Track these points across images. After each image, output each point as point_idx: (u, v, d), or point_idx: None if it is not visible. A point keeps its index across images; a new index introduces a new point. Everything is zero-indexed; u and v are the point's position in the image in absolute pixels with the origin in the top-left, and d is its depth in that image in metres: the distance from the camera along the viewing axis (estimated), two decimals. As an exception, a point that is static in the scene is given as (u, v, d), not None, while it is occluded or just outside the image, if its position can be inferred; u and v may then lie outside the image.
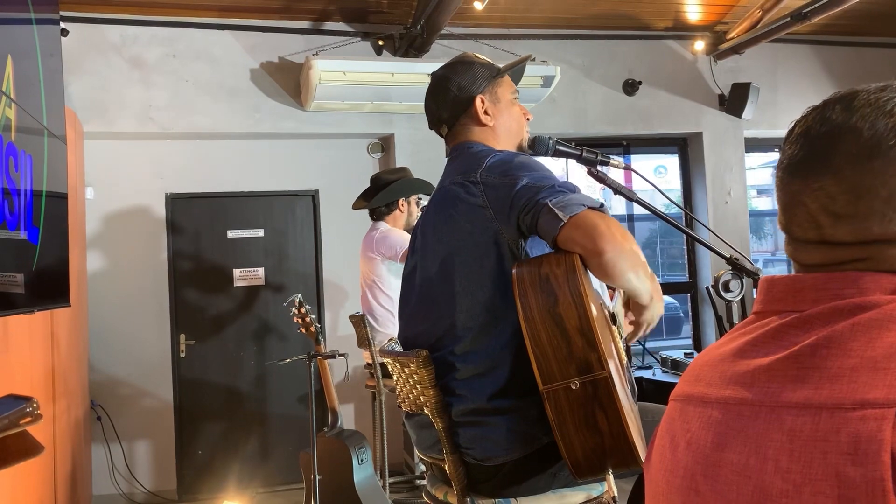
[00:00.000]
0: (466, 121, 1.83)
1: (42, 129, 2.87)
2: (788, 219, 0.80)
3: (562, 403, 1.43)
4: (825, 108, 0.78)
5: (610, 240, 1.43)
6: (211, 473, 4.99)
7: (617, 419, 1.40)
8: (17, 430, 1.02)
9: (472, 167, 1.68)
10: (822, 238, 0.76)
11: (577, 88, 5.50)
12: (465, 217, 1.65)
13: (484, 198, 1.62)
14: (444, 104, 1.84)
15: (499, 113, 1.83)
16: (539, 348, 1.44)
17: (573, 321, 1.43)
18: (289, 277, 5.23)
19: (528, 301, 1.46)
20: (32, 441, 1.07)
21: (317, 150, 5.29)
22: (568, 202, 1.48)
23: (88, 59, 4.68)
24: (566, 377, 1.42)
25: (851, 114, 0.75)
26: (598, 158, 1.86)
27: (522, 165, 1.62)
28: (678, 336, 7.95)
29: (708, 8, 5.34)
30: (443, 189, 1.77)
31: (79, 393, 4.25)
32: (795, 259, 0.81)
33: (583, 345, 1.42)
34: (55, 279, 3.03)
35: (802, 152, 0.78)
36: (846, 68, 6.09)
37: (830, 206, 0.75)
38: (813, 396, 0.67)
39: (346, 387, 4.76)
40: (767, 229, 10.88)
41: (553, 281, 1.45)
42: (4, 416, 1.01)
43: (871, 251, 0.73)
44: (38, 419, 1.04)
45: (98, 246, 4.86)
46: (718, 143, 5.84)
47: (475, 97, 1.81)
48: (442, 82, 1.85)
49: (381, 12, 4.97)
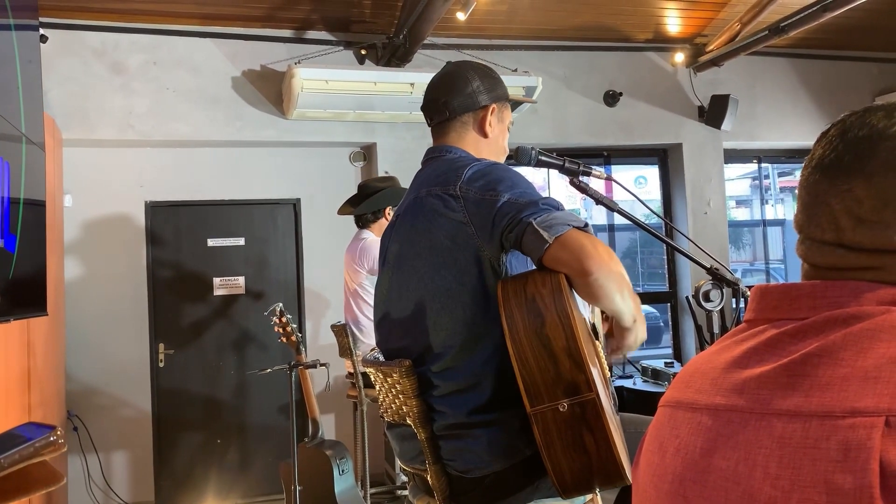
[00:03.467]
0: (468, 120, 1.79)
1: (20, 135, 2.83)
2: (807, 218, 0.80)
3: (549, 425, 1.42)
4: (867, 112, 0.78)
5: (597, 260, 1.41)
6: (190, 484, 4.93)
7: (605, 440, 1.40)
8: (39, 459, 1.00)
9: (450, 178, 1.64)
10: (840, 241, 0.76)
11: (558, 99, 5.53)
12: (445, 232, 1.61)
13: (465, 213, 1.58)
14: (457, 93, 1.77)
15: (497, 133, 1.82)
16: (526, 370, 1.43)
17: (561, 342, 1.42)
18: (269, 286, 5.20)
19: (514, 322, 1.45)
20: (52, 470, 1.05)
21: (298, 158, 5.27)
22: (553, 221, 1.46)
23: (68, 65, 4.64)
24: (554, 399, 1.41)
25: (894, 121, 0.75)
26: (580, 169, 1.86)
27: (503, 179, 1.58)
28: (658, 345, 7.99)
29: (688, 21, 5.40)
30: (419, 199, 1.70)
31: (55, 402, 4.19)
32: (807, 260, 0.80)
33: (570, 366, 1.41)
34: (32, 287, 2.99)
35: (836, 153, 0.77)
36: (823, 81, 6.18)
37: (856, 209, 0.74)
38: (803, 404, 0.67)
39: (327, 397, 4.73)
40: (746, 239, 10.99)
41: (539, 301, 1.44)
42: (29, 444, 0.98)
43: (886, 260, 0.73)
44: (61, 449, 1.02)
45: (76, 254, 4.81)
46: (698, 155, 5.89)
47: (490, 104, 1.79)
48: (463, 73, 1.80)
49: (364, 22, 4.98)
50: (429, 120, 1.84)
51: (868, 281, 0.73)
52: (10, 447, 0.98)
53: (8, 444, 0.98)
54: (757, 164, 6.64)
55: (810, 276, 0.80)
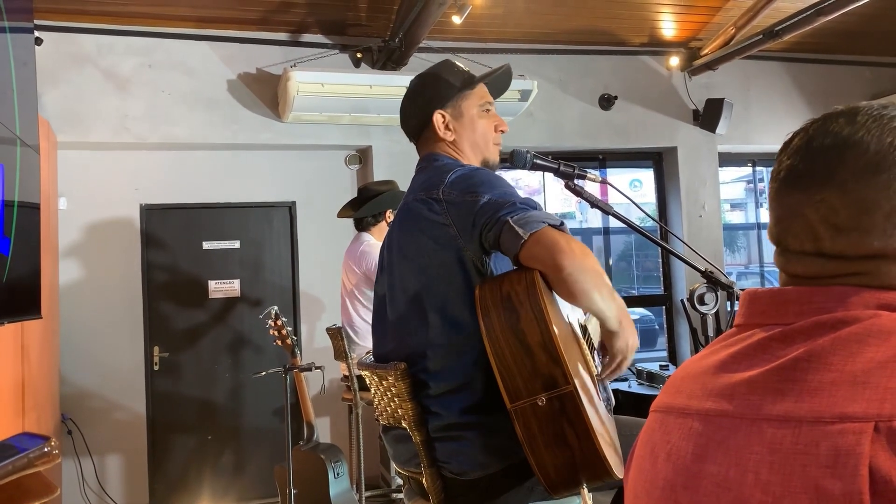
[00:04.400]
0: (429, 134, 1.84)
1: (15, 138, 2.83)
2: (783, 230, 0.79)
3: (530, 420, 1.42)
4: (827, 120, 0.78)
5: (569, 255, 1.43)
6: (184, 488, 4.92)
7: (586, 433, 1.40)
8: (33, 470, 1.00)
9: (434, 183, 1.68)
10: (820, 250, 0.76)
11: (553, 103, 5.54)
12: (429, 235, 1.65)
13: (447, 215, 1.62)
14: (411, 114, 1.86)
15: (462, 128, 1.82)
16: (504, 366, 1.44)
17: (535, 337, 1.42)
18: (265, 289, 5.20)
19: (490, 320, 1.46)
20: (46, 481, 1.05)
21: (294, 161, 5.27)
22: (529, 219, 1.48)
23: (63, 68, 4.63)
24: (532, 393, 1.42)
25: (857, 128, 0.75)
26: (575, 172, 1.87)
27: (484, 182, 1.62)
28: (653, 348, 8.01)
29: (682, 25, 5.42)
30: (406, 205, 1.76)
31: (49, 406, 4.17)
32: (786, 271, 0.80)
33: (546, 360, 1.41)
34: (26, 290, 2.99)
35: (804, 164, 0.77)
36: (817, 85, 6.21)
37: (832, 218, 0.74)
38: (793, 409, 0.68)
39: (322, 400, 4.73)
40: (741, 242, 11.01)
41: (514, 298, 1.45)
42: (23, 455, 0.98)
43: (868, 266, 0.73)
44: (55, 460, 1.02)
45: (71, 257, 4.80)
46: (693, 158, 5.91)
47: (434, 112, 1.81)
48: (411, 93, 1.87)
49: (360, 25, 4.98)
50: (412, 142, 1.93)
51: (853, 286, 0.73)
52: (4, 458, 0.97)
53: (1, 455, 0.98)
54: (752, 167, 6.66)
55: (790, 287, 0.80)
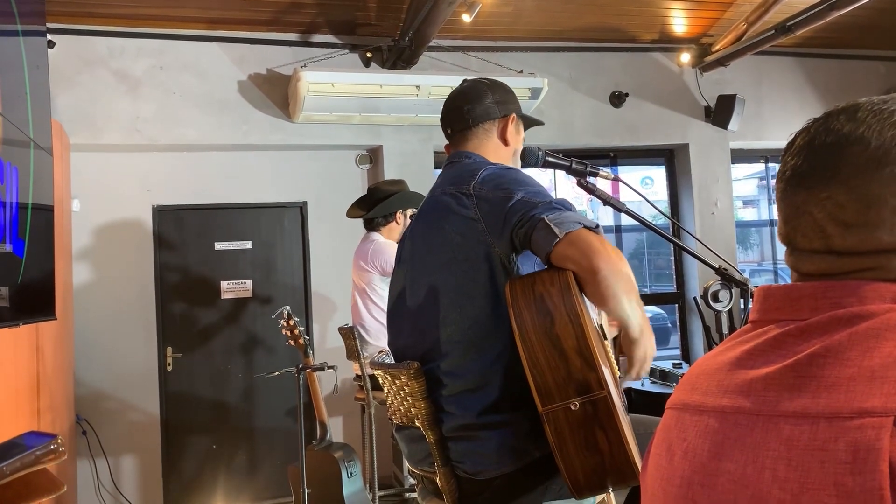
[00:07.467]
0: (490, 128, 1.84)
1: (28, 141, 2.85)
2: (791, 229, 0.79)
3: (562, 425, 1.41)
4: (828, 118, 0.78)
5: (606, 258, 1.42)
6: (198, 488, 4.94)
7: (617, 439, 1.39)
8: (41, 466, 1.01)
9: (465, 178, 1.67)
10: (829, 247, 0.76)
11: (564, 100, 5.53)
12: (456, 229, 1.63)
13: (476, 210, 1.61)
14: (478, 102, 1.84)
15: (514, 142, 1.87)
16: (537, 369, 1.42)
17: (571, 341, 1.41)
18: (277, 289, 5.21)
19: (523, 321, 1.44)
20: (53, 478, 1.06)
21: (305, 161, 5.28)
22: (564, 219, 1.47)
23: (75, 71, 4.65)
24: (565, 398, 1.41)
25: (857, 124, 0.75)
26: (587, 170, 1.87)
27: (517, 180, 1.62)
28: (666, 346, 7.97)
29: (693, 21, 5.39)
30: (433, 198, 1.75)
31: (64, 407, 4.20)
32: (798, 270, 0.80)
33: (581, 365, 1.40)
34: (41, 292, 3.01)
35: (807, 163, 0.77)
36: (830, 80, 6.16)
37: (839, 214, 0.74)
38: (811, 405, 0.67)
39: (334, 399, 4.73)
40: (754, 239, 10.94)
41: (548, 300, 1.44)
42: (29, 452, 0.99)
43: (878, 261, 0.73)
44: (62, 457, 1.03)
45: (84, 258, 4.83)
46: (705, 155, 5.88)
47: (511, 114, 1.85)
48: (482, 86, 1.87)
49: (370, 24, 4.98)
50: (448, 130, 1.89)
51: (867, 280, 0.73)
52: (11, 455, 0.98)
53: (9, 452, 0.99)
54: (764, 163, 6.62)
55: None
